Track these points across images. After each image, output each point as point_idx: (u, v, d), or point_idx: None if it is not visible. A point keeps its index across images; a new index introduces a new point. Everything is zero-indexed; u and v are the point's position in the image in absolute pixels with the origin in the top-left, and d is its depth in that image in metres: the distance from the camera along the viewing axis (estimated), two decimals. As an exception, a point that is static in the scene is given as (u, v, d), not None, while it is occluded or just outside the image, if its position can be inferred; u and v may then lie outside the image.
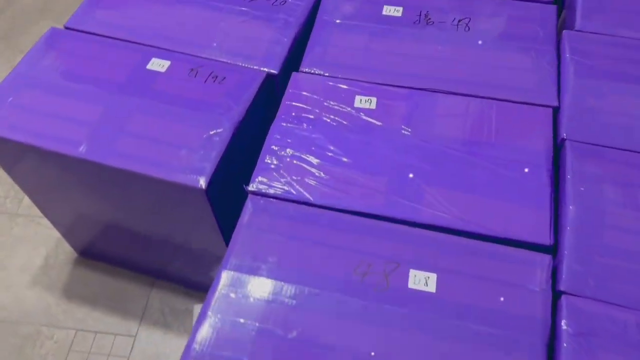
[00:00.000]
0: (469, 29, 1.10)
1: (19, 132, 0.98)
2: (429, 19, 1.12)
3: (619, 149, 0.91)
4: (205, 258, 1.17)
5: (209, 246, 1.10)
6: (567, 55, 1.04)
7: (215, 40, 1.11)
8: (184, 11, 1.17)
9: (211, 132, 0.96)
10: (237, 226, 0.86)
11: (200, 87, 1.03)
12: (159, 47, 1.10)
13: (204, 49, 1.10)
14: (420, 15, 1.13)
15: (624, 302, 0.76)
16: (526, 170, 0.89)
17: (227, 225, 1.00)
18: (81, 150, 0.95)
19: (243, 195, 0.91)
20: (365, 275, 0.80)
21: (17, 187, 1.50)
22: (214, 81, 1.04)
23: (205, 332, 0.76)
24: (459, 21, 1.11)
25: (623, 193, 0.86)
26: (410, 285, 0.79)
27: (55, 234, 1.47)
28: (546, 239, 0.82)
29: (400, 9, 1.14)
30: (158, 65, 1.07)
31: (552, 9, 1.13)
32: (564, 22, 1.21)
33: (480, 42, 1.07)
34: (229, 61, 1.08)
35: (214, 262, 1.15)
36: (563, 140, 0.94)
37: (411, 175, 0.89)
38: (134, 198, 1.05)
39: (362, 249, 0.82)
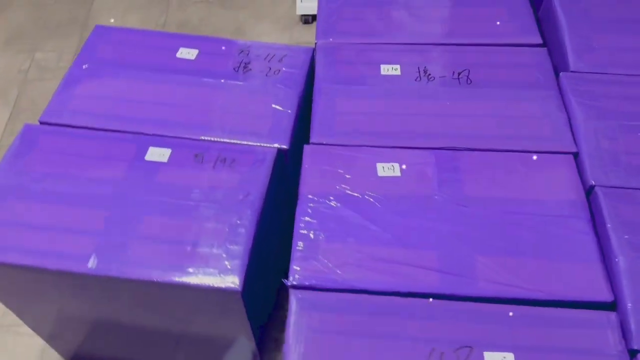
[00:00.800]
0: (470, 81, 1.09)
1: (12, 253, 0.87)
2: (429, 74, 1.11)
3: (648, 189, 0.92)
4: (229, 356, 1.07)
5: (236, 344, 1.01)
6: (571, 98, 1.05)
7: (216, 120, 1.04)
8: (172, 90, 1.09)
9: (233, 224, 0.89)
10: (288, 330, 0.79)
11: (209, 174, 0.96)
12: (154, 134, 1.02)
13: (205, 130, 1.03)
14: (419, 71, 1.11)
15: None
16: (567, 223, 0.88)
17: (256, 318, 0.92)
18: (90, 266, 0.85)
19: (273, 284, 0.84)
20: (438, 364, 0.75)
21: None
22: (224, 165, 0.97)
23: None
24: (459, 74, 1.10)
25: (664, 235, 0.86)
26: (487, 367, 0.74)
27: (39, 341, 1.32)
28: (606, 295, 0.80)
29: (398, 66, 1.12)
30: (158, 154, 0.98)
31: (544, 52, 1.15)
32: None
33: (485, 93, 1.07)
34: (234, 141, 1.01)
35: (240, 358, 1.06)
36: (592, 187, 0.93)
37: (459, 245, 0.86)
38: (150, 305, 0.94)
39: (428, 336, 0.77)
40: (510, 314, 0.79)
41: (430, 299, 0.81)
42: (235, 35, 2.06)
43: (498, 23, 1.20)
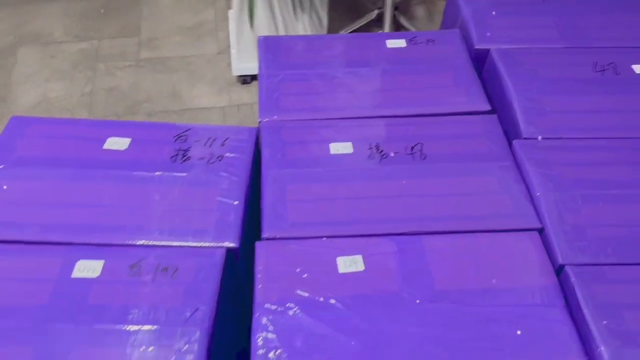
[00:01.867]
0: (425, 156, 1.04)
1: None
2: (381, 151, 1.05)
3: (620, 264, 0.89)
4: None
5: None
6: (527, 168, 1.02)
7: (153, 220, 0.93)
8: (101, 188, 0.97)
9: (180, 350, 0.77)
10: None
11: (149, 288, 0.84)
12: (81, 244, 0.89)
13: (141, 233, 0.91)
14: (371, 148, 1.05)
15: None
16: (544, 313, 0.83)
17: None
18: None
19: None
20: None
21: None
22: (165, 275, 0.86)
23: None
24: (412, 148, 1.05)
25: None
26: None
27: None
28: (596, 394, 0.75)
29: (349, 144, 1.06)
30: (87, 269, 0.86)
31: (494, 119, 1.12)
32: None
33: (442, 169, 1.02)
34: (176, 243, 0.91)
35: None
36: (562, 266, 0.89)
37: (435, 351, 0.78)
38: None
39: None
40: None
41: None
42: (171, 100, 1.97)
43: (444, 90, 1.17)
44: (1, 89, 1.99)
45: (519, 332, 0.80)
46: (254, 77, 2.04)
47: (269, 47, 1.28)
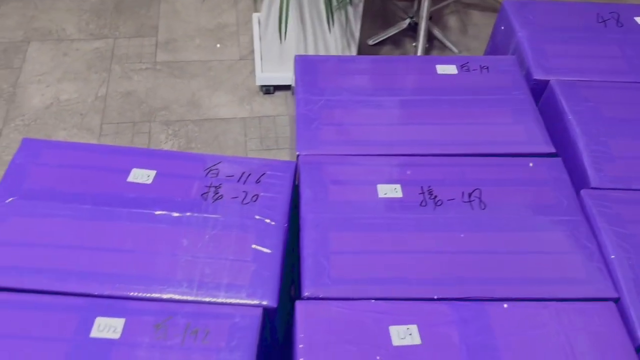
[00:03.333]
0: (484, 205, 0.93)
1: None
2: (435, 196, 0.94)
3: None
4: None
5: None
6: (599, 224, 0.91)
7: (180, 269, 0.82)
8: (124, 230, 0.86)
9: None
10: None
11: (177, 355, 0.74)
12: (100, 296, 0.79)
13: (167, 285, 0.81)
14: (423, 193, 0.95)
15: None
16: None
17: None
18: None
19: None
20: None
21: None
22: (195, 340, 0.75)
23: None
24: (469, 195, 0.94)
25: None
26: None
27: None
28: None
29: (398, 187, 0.95)
30: (107, 329, 0.75)
31: (559, 163, 1.01)
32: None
33: (503, 222, 0.91)
34: (206, 299, 0.80)
35: None
36: (643, 346, 0.79)
37: None
38: None
39: None
40: None
41: None
42: (190, 108, 1.85)
43: (502, 127, 1.06)
44: (10, 89, 1.88)
45: None
46: (277, 88, 1.93)
47: (307, 67, 1.16)
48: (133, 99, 1.87)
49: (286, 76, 1.87)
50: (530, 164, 0.98)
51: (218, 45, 2.07)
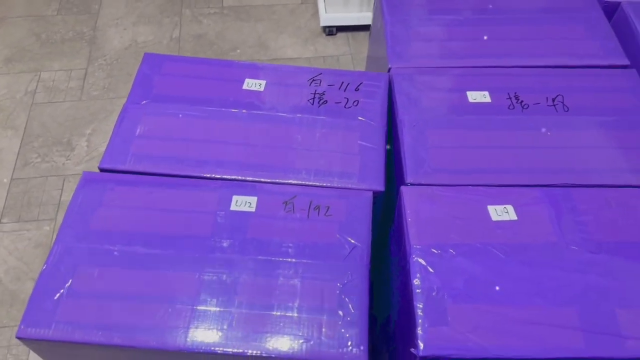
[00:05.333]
0: (567, 108, 1.02)
1: (94, 330, 0.75)
2: (522, 101, 1.03)
3: None
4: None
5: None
6: (674, 124, 0.99)
7: (299, 160, 0.94)
8: (246, 127, 0.98)
9: (346, 283, 0.79)
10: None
11: (304, 224, 0.86)
12: (233, 179, 0.91)
13: (289, 172, 0.92)
14: (510, 98, 1.03)
15: None
16: None
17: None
18: (189, 342, 0.74)
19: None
20: None
21: None
22: (318, 214, 0.87)
23: None
24: (553, 100, 1.03)
25: None
26: None
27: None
28: None
29: (487, 93, 1.04)
30: (244, 204, 0.88)
31: (634, 73, 1.08)
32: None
33: (585, 122, 0.99)
34: (324, 184, 0.91)
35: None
36: None
37: (598, 299, 0.78)
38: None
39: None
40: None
41: None
42: (259, 49, 1.95)
43: (579, 42, 1.13)
44: (90, 32, 2.00)
45: (682, 286, 0.79)
46: (339, 29, 2.01)
47: (391, -6, 1.24)
48: (204, 41, 1.98)
49: (349, 16, 1.95)
50: None
51: (280, -10, 2.15)
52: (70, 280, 0.78)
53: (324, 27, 2.01)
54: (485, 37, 1.14)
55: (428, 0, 1.21)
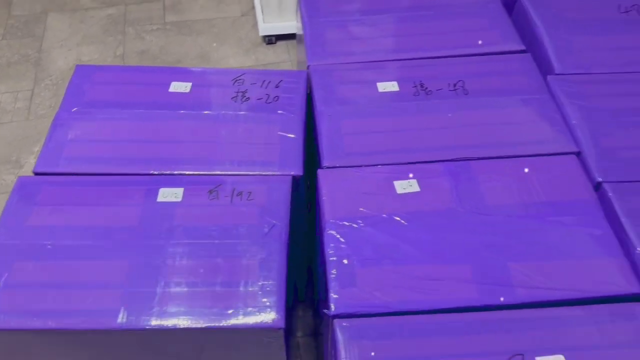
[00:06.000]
0: (467, 92, 1.12)
1: (32, 318, 0.80)
2: (426, 88, 1.13)
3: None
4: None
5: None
6: (562, 99, 1.10)
7: (223, 152, 1.01)
8: (173, 126, 1.05)
9: (264, 259, 0.87)
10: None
11: (227, 209, 0.93)
12: (161, 174, 0.98)
13: (215, 164, 1.00)
14: (416, 86, 1.13)
15: None
16: (585, 222, 0.91)
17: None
18: (120, 321, 0.80)
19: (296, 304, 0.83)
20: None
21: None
22: (241, 199, 0.95)
23: None
24: (454, 85, 1.13)
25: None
26: (541, 373, 0.76)
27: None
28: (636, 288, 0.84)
29: (395, 83, 1.14)
30: (170, 195, 0.95)
31: (528, 57, 1.20)
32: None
33: (483, 102, 1.10)
34: (247, 172, 0.99)
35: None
36: (599, 183, 0.98)
37: (490, 255, 0.87)
38: (182, 352, 0.90)
39: (478, 350, 0.78)
40: (550, 316, 0.81)
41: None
42: (201, 61, 2.03)
43: (479, 33, 1.24)
44: (36, 54, 2.05)
45: (564, 239, 0.89)
46: (279, 37, 2.10)
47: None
48: (148, 56, 2.05)
49: (286, 25, 2.04)
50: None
51: (220, 5, 2.24)
52: (6, 274, 0.84)
53: (264, 37, 2.10)
54: (395, 34, 1.25)
55: (343, 3, 1.31)
